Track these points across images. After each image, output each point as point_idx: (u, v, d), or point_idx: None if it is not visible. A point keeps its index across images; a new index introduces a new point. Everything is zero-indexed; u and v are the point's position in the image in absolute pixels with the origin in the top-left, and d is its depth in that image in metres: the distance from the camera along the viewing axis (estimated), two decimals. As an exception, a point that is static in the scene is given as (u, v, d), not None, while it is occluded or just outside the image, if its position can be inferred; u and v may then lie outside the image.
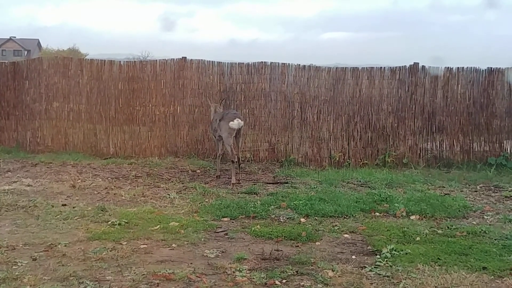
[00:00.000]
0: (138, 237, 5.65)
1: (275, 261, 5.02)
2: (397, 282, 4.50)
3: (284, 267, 4.80)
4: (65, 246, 5.30)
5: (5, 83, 12.08)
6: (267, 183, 8.81)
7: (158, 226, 6.03)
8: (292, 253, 5.26)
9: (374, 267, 4.86)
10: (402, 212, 6.81)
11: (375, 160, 10.60)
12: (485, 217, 6.82)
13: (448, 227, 6.25)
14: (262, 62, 11.04)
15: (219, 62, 11.22)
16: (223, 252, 5.29)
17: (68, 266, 4.75)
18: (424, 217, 6.70)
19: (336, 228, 6.18)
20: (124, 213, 6.55)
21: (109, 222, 6.15)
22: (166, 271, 4.63)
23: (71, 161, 10.43)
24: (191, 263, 4.92)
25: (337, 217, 6.66)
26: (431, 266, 4.85)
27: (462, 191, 8.38)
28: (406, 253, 5.18)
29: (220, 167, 9.66)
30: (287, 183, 8.80)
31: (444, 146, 10.77)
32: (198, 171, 9.78)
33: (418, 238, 5.75)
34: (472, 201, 7.69)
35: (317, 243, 5.64)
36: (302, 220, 6.51)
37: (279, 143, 10.95)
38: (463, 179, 9.26)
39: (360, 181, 8.92)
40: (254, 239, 5.74)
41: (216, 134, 9.24)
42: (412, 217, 6.68)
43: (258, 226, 6.11)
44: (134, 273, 4.61)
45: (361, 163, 10.53)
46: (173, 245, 5.45)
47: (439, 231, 6.08)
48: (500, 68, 10.71)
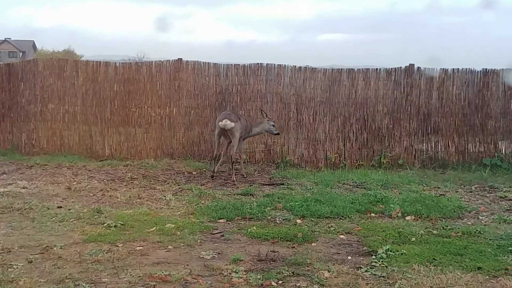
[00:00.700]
0: (134, 239, 5.65)
1: (271, 262, 5.03)
2: (393, 283, 4.52)
3: (280, 268, 4.82)
4: (61, 248, 5.29)
5: (0, 85, 12.04)
6: (263, 185, 8.82)
7: (154, 228, 6.03)
8: (288, 254, 5.27)
9: (370, 268, 4.88)
10: (398, 213, 6.83)
11: (371, 161, 10.62)
12: (480, 218, 6.85)
13: (443, 228, 6.27)
14: (258, 64, 11.05)
15: (215, 64, 11.22)
16: (220, 254, 5.29)
17: (64, 269, 4.75)
18: (420, 218, 6.72)
19: (332, 229, 6.20)
20: (120, 215, 6.54)
21: (105, 224, 6.13)
22: (162, 273, 4.64)
23: (67, 163, 10.41)
24: (188, 265, 4.93)
25: (333, 218, 6.67)
26: (427, 266, 4.87)
27: (457, 192, 8.41)
28: (402, 254, 5.20)
29: (216, 169, 9.68)
30: (283, 185, 8.81)
31: (439, 147, 10.81)
32: (194, 173, 9.78)
33: (414, 239, 5.77)
34: (467, 202, 7.73)
35: (313, 244, 5.65)
36: (298, 221, 6.52)
37: (275, 145, 10.96)
38: (458, 180, 9.30)
39: (356, 182, 8.93)
40: (250, 241, 5.75)
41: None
42: (408, 218, 6.70)
43: (254, 228, 6.11)
44: (130, 275, 4.61)
45: (357, 164, 10.55)
46: (169, 247, 5.45)
47: (434, 232, 6.11)
48: (495, 69, 10.75)
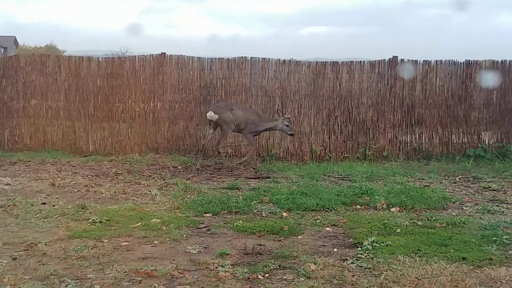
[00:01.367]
0: (120, 235, 5.61)
1: (258, 256, 5.03)
2: (378, 274, 4.54)
3: (267, 262, 4.81)
4: (46, 245, 5.24)
5: (-18, 81, 11.87)
6: (249, 178, 8.81)
7: (140, 223, 5.99)
8: (275, 247, 5.27)
9: (356, 260, 4.90)
10: (383, 205, 6.87)
11: (356, 154, 10.68)
12: (464, 208, 6.92)
13: (428, 219, 6.32)
14: (243, 57, 11.02)
15: (199, 58, 11.17)
16: (206, 248, 5.28)
17: (49, 265, 4.70)
18: (404, 209, 6.77)
19: (318, 222, 6.21)
20: (105, 211, 6.49)
21: (90, 220, 6.08)
22: (148, 268, 4.61)
23: (50, 159, 10.33)
24: (174, 260, 4.90)
25: (319, 211, 6.69)
26: (412, 257, 4.91)
27: (442, 183, 8.48)
28: (387, 245, 5.23)
29: (202, 162, 9.71)
30: (269, 178, 8.81)
31: (423, 139, 10.91)
32: (180, 167, 9.75)
33: (399, 230, 5.80)
34: (451, 193, 7.80)
35: (299, 237, 5.67)
36: (284, 214, 6.52)
37: (260, 138, 10.95)
38: (442, 171, 9.38)
39: (341, 175, 8.97)
40: (237, 234, 5.74)
41: None
42: (393, 209, 6.75)
43: (241, 221, 6.11)
44: (116, 271, 4.57)
45: (342, 157, 10.61)
46: (155, 242, 5.42)
47: (419, 223, 6.15)
48: (478, 61, 10.86)
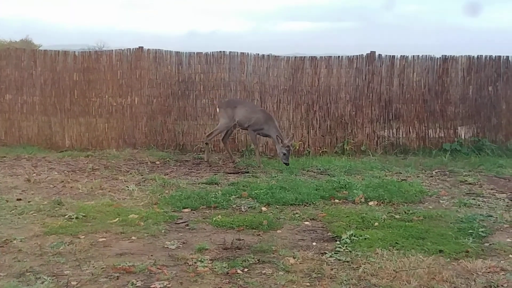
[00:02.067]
0: (97, 231, 5.54)
1: (237, 250, 5.02)
2: (357, 267, 4.57)
3: (246, 256, 4.81)
4: (21, 241, 5.14)
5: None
6: (228, 173, 8.78)
7: (117, 219, 5.92)
8: (254, 242, 5.27)
9: (334, 253, 4.93)
10: (361, 199, 6.92)
11: (334, 148, 10.73)
12: (441, 202, 7.01)
13: (405, 212, 6.38)
14: (221, 52, 10.97)
15: (177, 52, 11.08)
16: (184, 243, 5.24)
17: (25, 262, 4.62)
18: (382, 203, 6.82)
19: (297, 216, 6.23)
20: (82, 207, 6.40)
21: (66, 216, 5.99)
22: (126, 264, 4.56)
23: (26, 155, 10.17)
24: (152, 255, 4.86)
25: (298, 205, 6.70)
26: (390, 250, 4.95)
27: (419, 177, 8.57)
28: (365, 238, 5.27)
29: (179, 158, 9.69)
30: (248, 173, 8.79)
31: (401, 133, 11.00)
32: (158, 163, 9.67)
33: (377, 224, 5.85)
34: (428, 186, 7.89)
35: (278, 231, 5.67)
36: (263, 209, 6.52)
37: (240, 133, 10.93)
38: (419, 165, 9.48)
39: (320, 169, 9.00)
40: (216, 229, 5.72)
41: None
42: (371, 203, 6.80)
43: (219, 216, 6.09)
44: (93, 267, 4.52)
45: (321, 151, 10.64)
46: (133, 238, 5.37)
47: (397, 216, 6.21)
48: (454, 56, 10.97)
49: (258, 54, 10.99)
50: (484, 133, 10.95)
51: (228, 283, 4.25)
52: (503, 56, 10.96)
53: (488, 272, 4.49)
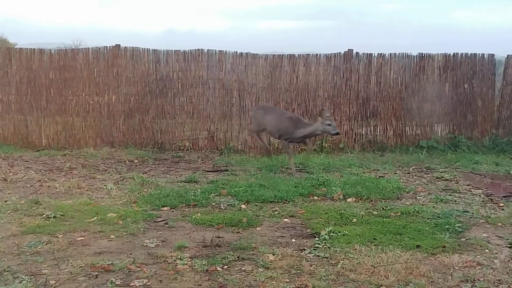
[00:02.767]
0: (75, 230, 5.49)
1: (216, 248, 5.02)
2: (335, 263, 4.61)
3: (226, 253, 4.81)
4: (-3, 241, 5.08)
5: None
6: (207, 171, 8.77)
7: (95, 218, 5.87)
8: (233, 239, 5.27)
9: (313, 249, 4.96)
10: (339, 195, 6.97)
11: (313, 146, 10.77)
12: (418, 198, 7.10)
13: (383, 208, 6.45)
14: (199, 50, 10.94)
15: (155, 50, 11.02)
16: (164, 241, 5.22)
17: (2, 261, 4.55)
18: (360, 199, 6.89)
19: (276, 213, 6.25)
20: (59, 206, 6.33)
21: (44, 215, 5.92)
22: (105, 263, 4.53)
23: (2, 154, 10.04)
24: (131, 254, 4.83)
25: (277, 202, 6.73)
26: (368, 246, 5.00)
27: (396, 173, 8.67)
28: (344, 235, 5.31)
29: (158, 156, 9.66)
30: (227, 171, 8.80)
31: (378, 131, 11.11)
32: (136, 161, 9.61)
33: (355, 220, 5.90)
34: (406, 183, 7.98)
35: (258, 229, 5.68)
36: (243, 207, 6.52)
37: (218, 131, 10.93)
38: (397, 162, 9.59)
39: (299, 167, 9.04)
40: (195, 227, 5.70)
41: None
42: (349, 200, 6.85)
43: (199, 214, 6.07)
44: (72, 266, 4.48)
45: (300, 149, 10.68)
46: (112, 236, 5.33)
47: (375, 212, 6.27)
48: (431, 54, 11.12)
49: (237, 52, 10.98)
50: (460, 130, 11.12)
51: (208, 280, 4.25)
52: (479, 54, 11.15)
53: (465, 267, 4.56)
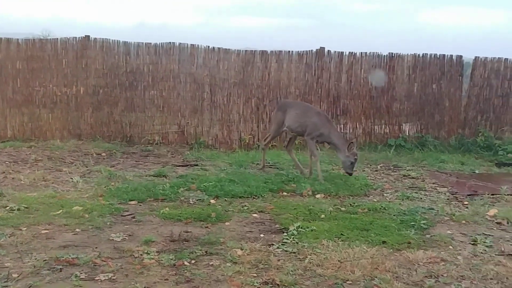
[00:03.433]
0: (39, 222, 5.37)
1: (184, 243, 4.99)
2: (303, 258, 4.63)
3: (193, 248, 4.79)
4: (-41, 234, 4.94)
5: None
6: (177, 166, 8.70)
7: (61, 211, 5.76)
8: (202, 234, 5.24)
9: (282, 244, 4.97)
10: (308, 192, 7.01)
11: (284, 142, 10.79)
12: (385, 195, 7.20)
13: (351, 205, 6.52)
14: (171, 43, 10.83)
15: (125, 42, 10.85)
16: (130, 236, 5.16)
17: (-37, 254, 4.44)
18: (329, 196, 6.95)
19: (245, 208, 6.24)
20: (24, 198, 6.19)
21: (7, 208, 5.78)
22: (70, 256, 4.45)
23: (-35, 145, 9.74)
24: (96, 247, 4.76)
25: (247, 198, 6.72)
26: (335, 242, 5.04)
27: (364, 171, 8.76)
28: (312, 230, 5.34)
29: (126, 150, 9.54)
30: (197, 166, 8.75)
31: (348, 129, 11.20)
32: (104, 154, 9.47)
33: (323, 216, 5.95)
34: (373, 180, 8.08)
35: (227, 223, 5.67)
36: (212, 202, 6.50)
37: (189, 126, 10.85)
38: (365, 160, 9.68)
39: (269, 163, 9.03)
40: (163, 222, 5.65)
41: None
42: (318, 196, 6.91)
43: (167, 209, 6.02)
44: (35, 259, 4.38)
45: (270, 145, 10.68)
46: (77, 230, 5.24)
47: (343, 209, 6.34)
48: (401, 54, 11.25)
49: (209, 47, 10.91)
50: (428, 130, 11.30)
51: (175, 275, 4.21)
52: (447, 55, 11.33)
53: (429, 263, 4.65)
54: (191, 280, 4.13)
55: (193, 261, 4.51)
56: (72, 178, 7.35)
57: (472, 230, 5.69)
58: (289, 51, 11.05)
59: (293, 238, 5.12)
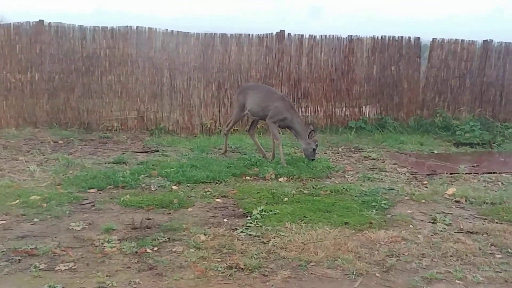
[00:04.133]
0: (-5, 214, 5.21)
1: (146, 230, 4.92)
2: (267, 241, 4.64)
3: (156, 235, 4.73)
4: None
5: None
6: (137, 152, 8.56)
7: (17, 201, 5.59)
8: (164, 221, 5.18)
9: (245, 229, 4.97)
10: (271, 175, 7.02)
11: (245, 127, 10.75)
12: (347, 176, 7.28)
13: (313, 187, 6.57)
14: (128, 27, 10.58)
15: (81, 26, 10.52)
16: (90, 224, 5.05)
17: None
18: (292, 179, 6.98)
19: (208, 194, 6.20)
20: (-22, 189, 5.98)
21: (-40, 199, 5.58)
22: (28, 247, 4.33)
23: None
24: (56, 237, 4.65)
25: (209, 183, 6.68)
26: (298, 224, 5.07)
27: (326, 153, 8.84)
28: (275, 213, 5.36)
29: (84, 137, 9.33)
30: (158, 152, 8.63)
31: (309, 112, 11.25)
32: (61, 142, 9.23)
33: (286, 199, 5.97)
34: (335, 162, 8.16)
35: (189, 209, 5.62)
36: (174, 188, 6.43)
37: (149, 111, 10.68)
38: (327, 142, 9.77)
39: (231, 147, 9.01)
40: (124, 209, 5.56)
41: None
42: (281, 179, 6.92)
43: (128, 196, 5.92)
44: (-8, 251, 4.25)
45: (232, 130, 10.63)
46: (35, 220, 5.09)
47: (305, 191, 6.37)
48: (360, 36, 11.34)
49: (167, 30, 10.72)
50: (387, 111, 11.47)
51: (137, 263, 4.15)
52: (405, 37, 11.48)
53: (390, 242, 4.73)
54: (154, 267, 4.08)
55: (156, 248, 4.45)
56: (29, 167, 7.13)
57: (432, 209, 5.82)
58: (249, 34, 10.97)
59: (257, 222, 5.12)
